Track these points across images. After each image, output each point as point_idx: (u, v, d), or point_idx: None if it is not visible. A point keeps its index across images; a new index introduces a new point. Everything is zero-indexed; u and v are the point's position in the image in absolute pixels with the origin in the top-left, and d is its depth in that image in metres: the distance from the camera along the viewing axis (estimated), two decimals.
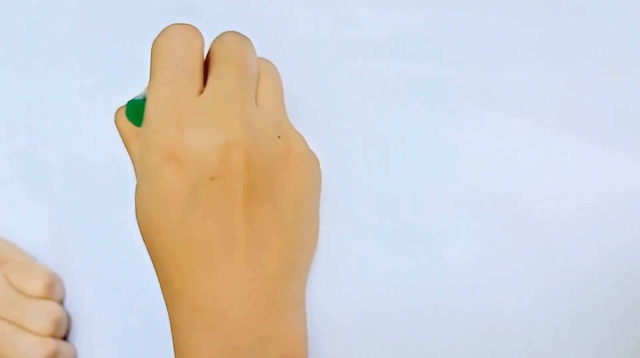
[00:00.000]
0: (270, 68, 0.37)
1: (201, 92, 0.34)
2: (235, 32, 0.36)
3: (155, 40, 0.34)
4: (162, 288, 0.34)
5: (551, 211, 0.33)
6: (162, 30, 0.35)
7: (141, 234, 0.34)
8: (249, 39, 0.35)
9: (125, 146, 0.37)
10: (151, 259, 0.34)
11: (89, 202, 0.45)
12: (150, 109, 0.33)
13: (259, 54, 0.38)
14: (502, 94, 0.34)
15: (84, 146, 0.45)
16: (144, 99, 0.35)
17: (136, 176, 0.35)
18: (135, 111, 0.35)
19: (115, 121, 0.37)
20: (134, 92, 0.36)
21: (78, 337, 0.46)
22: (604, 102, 0.32)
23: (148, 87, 0.34)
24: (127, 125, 0.36)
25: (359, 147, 0.37)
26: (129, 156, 0.37)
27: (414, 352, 0.36)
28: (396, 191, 0.36)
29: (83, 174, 0.45)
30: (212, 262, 0.32)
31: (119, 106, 0.37)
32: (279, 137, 0.34)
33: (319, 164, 0.37)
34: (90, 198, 0.45)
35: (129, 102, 0.36)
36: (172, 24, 0.35)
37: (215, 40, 0.35)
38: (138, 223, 0.34)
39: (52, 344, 0.43)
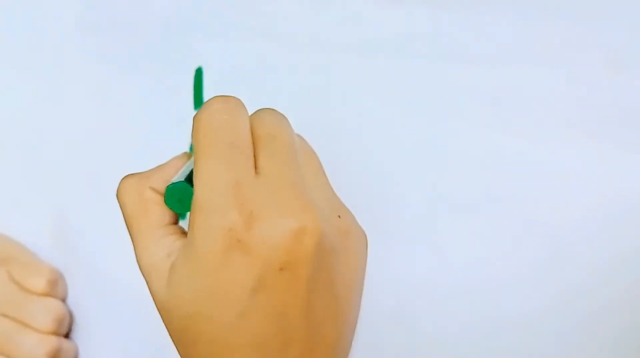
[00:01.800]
0: (306, 145, 0.35)
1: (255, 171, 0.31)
2: (273, 109, 0.33)
3: (197, 115, 0.32)
4: None
5: (553, 210, 0.33)
6: (205, 104, 0.32)
7: (178, 328, 0.31)
8: (286, 117, 0.33)
9: (130, 226, 0.33)
10: (184, 352, 0.32)
11: (91, 200, 0.45)
12: (203, 193, 0.30)
13: (259, 55, 0.38)
14: (504, 93, 0.34)
15: (87, 145, 0.45)
16: (186, 182, 0.32)
17: (152, 276, 0.32)
18: (177, 196, 0.32)
19: (118, 195, 0.34)
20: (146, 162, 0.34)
21: (80, 334, 0.46)
22: (605, 101, 0.32)
23: (196, 168, 0.31)
24: (133, 200, 0.33)
25: (360, 146, 0.36)
26: (130, 238, 0.33)
27: (414, 352, 0.36)
28: (397, 191, 0.36)
29: (86, 172, 0.45)
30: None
31: (122, 178, 0.34)
32: (339, 216, 0.32)
33: (367, 241, 0.34)
34: (93, 196, 0.45)
35: (168, 187, 0.32)
36: (214, 97, 0.32)
37: (253, 117, 0.33)
38: (177, 316, 0.31)
39: (55, 342, 0.43)
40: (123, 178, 0.34)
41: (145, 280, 0.32)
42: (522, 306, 0.34)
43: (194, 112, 0.41)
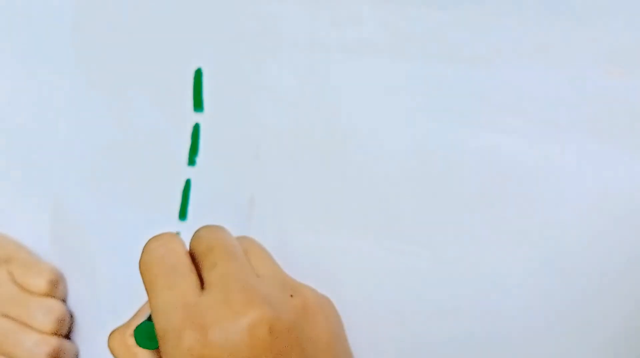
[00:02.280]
0: (250, 241, 0.38)
1: (201, 288, 0.34)
2: (208, 225, 0.37)
3: (139, 260, 0.35)
4: None
5: (551, 210, 0.33)
6: (143, 249, 0.35)
7: None
8: (222, 227, 0.37)
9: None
10: None
11: (91, 201, 0.45)
12: (159, 323, 0.33)
13: (259, 54, 0.38)
14: (502, 93, 0.33)
15: (87, 146, 0.45)
16: (149, 319, 0.35)
17: None
18: (145, 335, 0.35)
19: (110, 347, 0.36)
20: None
21: (80, 334, 0.46)
22: (604, 102, 0.32)
23: (149, 304, 0.34)
24: (122, 351, 0.36)
25: (358, 146, 0.36)
26: None
27: (414, 352, 0.36)
28: (397, 191, 0.36)
29: (86, 173, 0.45)
30: None
31: (112, 331, 0.36)
32: (292, 296, 0.35)
33: (333, 305, 0.37)
34: (93, 196, 0.45)
35: (135, 330, 0.35)
36: (149, 239, 0.36)
37: (192, 240, 0.36)
38: None
39: (55, 342, 0.43)
40: (110, 334, 0.37)
41: None
42: (521, 306, 0.34)
43: (194, 114, 0.41)
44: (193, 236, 0.36)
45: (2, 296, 0.44)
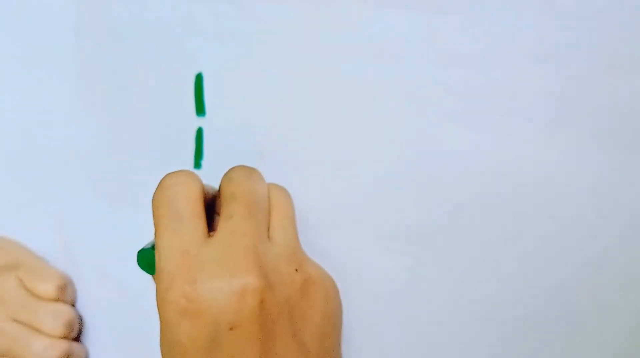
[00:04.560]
0: (280, 195, 0.36)
1: (210, 234, 0.33)
2: (242, 166, 0.36)
3: (153, 194, 0.34)
4: None
5: (550, 211, 0.33)
6: (159, 184, 0.34)
7: None
8: (256, 171, 0.36)
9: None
10: None
11: (97, 206, 0.45)
12: (159, 262, 0.33)
13: (259, 55, 0.38)
14: (502, 95, 0.33)
15: (92, 151, 0.45)
16: (153, 248, 0.34)
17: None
18: (145, 261, 0.35)
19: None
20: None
21: (90, 337, 0.46)
22: (603, 104, 0.31)
23: (155, 240, 0.34)
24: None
25: (360, 148, 0.36)
26: None
27: (414, 352, 0.36)
28: (397, 192, 0.36)
29: (91, 178, 0.45)
30: None
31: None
32: (296, 270, 0.34)
33: (337, 290, 0.36)
34: (99, 201, 0.45)
35: (138, 252, 0.35)
36: (167, 174, 0.35)
37: (224, 177, 0.35)
38: None
39: (65, 345, 0.44)
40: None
41: None
42: (519, 305, 0.34)
43: (196, 118, 0.41)
44: (226, 174, 0.35)
45: (12, 301, 0.44)
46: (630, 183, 0.31)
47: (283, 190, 0.37)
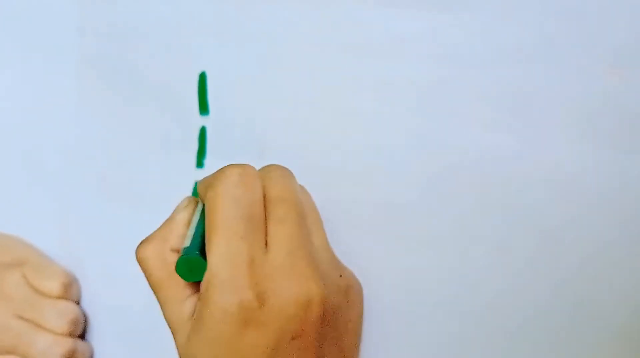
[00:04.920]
0: (308, 198, 0.36)
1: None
2: (278, 166, 0.34)
3: (211, 183, 0.32)
4: None
5: (551, 210, 0.33)
6: (219, 173, 0.32)
7: None
8: (291, 172, 0.34)
9: (156, 290, 0.34)
10: None
11: (101, 203, 0.45)
12: (218, 270, 0.31)
13: (259, 58, 0.38)
14: (502, 95, 0.33)
15: (96, 150, 0.45)
16: (198, 252, 0.32)
17: (178, 333, 0.33)
18: (188, 267, 0.32)
19: (140, 262, 0.34)
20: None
21: (94, 335, 0.47)
22: (603, 102, 0.32)
23: (210, 241, 0.31)
24: (157, 266, 0.34)
25: (360, 148, 0.37)
26: (158, 303, 0.34)
27: (415, 351, 0.36)
28: (397, 192, 0.36)
29: (95, 176, 0.46)
30: None
31: (138, 245, 0.34)
32: (341, 276, 0.34)
33: (362, 288, 0.36)
34: (104, 199, 0.45)
35: (180, 259, 0.32)
36: (229, 166, 0.32)
37: (264, 177, 0.33)
38: None
39: (70, 343, 0.44)
40: (140, 245, 0.34)
41: (172, 333, 0.34)
42: (519, 305, 0.34)
43: (199, 117, 0.41)
44: (264, 175, 0.33)
45: (17, 299, 0.44)
46: (629, 183, 0.31)
47: (306, 190, 0.36)
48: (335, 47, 0.37)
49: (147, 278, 0.34)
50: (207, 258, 0.31)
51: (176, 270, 0.32)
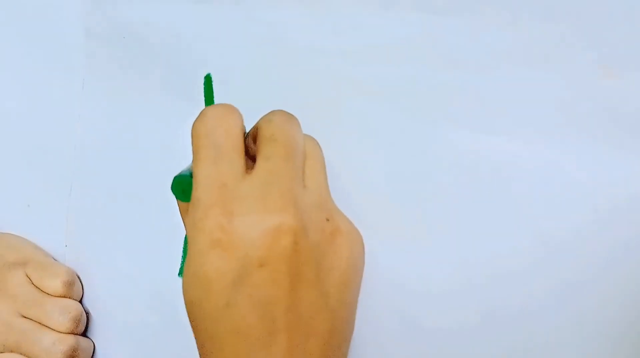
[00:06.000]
0: (314, 147, 0.36)
1: (247, 171, 0.33)
2: (282, 111, 0.35)
3: (193, 123, 0.34)
4: None
5: (549, 211, 0.33)
6: (200, 113, 0.34)
7: (186, 310, 0.33)
8: (296, 118, 0.35)
9: (182, 217, 0.35)
10: (194, 336, 0.33)
11: (105, 201, 0.45)
12: (196, 192, 0.32)
13: (260, 59, 0.38)
14: (499, 96, 0.34)
15: (100, 150, 0.46)
16: (190, 175, 0.34)
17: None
18: (181, 187, 0.34)
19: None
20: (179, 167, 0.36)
21: (96, 332, 0.47)
22: (598, 104, 0.32)
23: (193, 169, 0.33)
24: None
25: (360, 149, 0.37)
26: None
27: (415, 350, 0.37)
28: (397, 193, 0.36)
29: (99, 175, 0.46)
30: (252, 350, 0.31)
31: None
32: (327, 219, 0.34)
33: (363, 245, 0.36)
34: (106, 197, 0.45)
35: (175, 177, 0.34)
36: (209, 106, 0.34)
37: (263, 119, 0.35)
38: (184, 301, 0.33)
39: (72, 340, 0.44)
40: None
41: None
42: (519, 305, 0.34)
43: None
44: (266, 116, 0.35)
45: (20, 297, 0.44)
46: (628, 183, 0.32)
47: (316, 141, 0.36)
48: (337, 51, 0.37)
49: (178, 205, 0.35)
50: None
51: (171, 188, 0.34)
